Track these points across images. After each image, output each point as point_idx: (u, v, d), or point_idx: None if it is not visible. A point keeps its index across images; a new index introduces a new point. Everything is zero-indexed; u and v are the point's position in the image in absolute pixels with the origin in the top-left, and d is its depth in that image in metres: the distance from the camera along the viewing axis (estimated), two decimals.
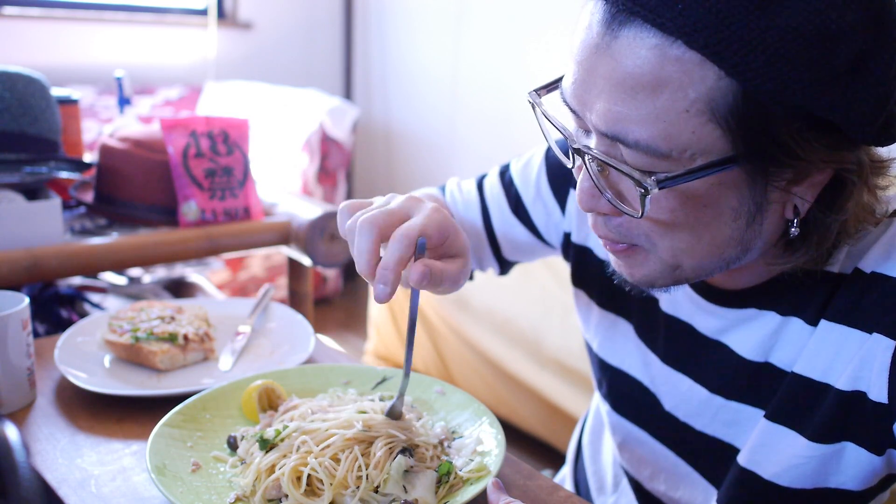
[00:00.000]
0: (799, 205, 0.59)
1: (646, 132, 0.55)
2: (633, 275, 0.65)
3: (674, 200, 0.58)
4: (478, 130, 3.30)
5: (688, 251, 0.61)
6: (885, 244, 0.63)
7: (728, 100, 0.53)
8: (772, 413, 0.69)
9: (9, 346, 0.83)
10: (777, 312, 0.68)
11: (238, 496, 0.68)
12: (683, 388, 0.77)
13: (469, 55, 3.28)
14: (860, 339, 0.62)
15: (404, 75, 3.64)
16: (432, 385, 0.86)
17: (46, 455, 0.77)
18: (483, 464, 0.71)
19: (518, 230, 0.95)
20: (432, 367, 2.50)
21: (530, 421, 2.20)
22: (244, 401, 0.82)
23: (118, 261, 1.26)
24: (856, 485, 0.65)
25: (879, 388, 0.60)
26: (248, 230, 1.38)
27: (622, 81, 0.55)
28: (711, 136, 0.54)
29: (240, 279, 3.03)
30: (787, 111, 0.52)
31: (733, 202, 0.58)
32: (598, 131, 0.58)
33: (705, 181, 0.56)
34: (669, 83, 0.53)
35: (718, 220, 0.59)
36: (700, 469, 0.79)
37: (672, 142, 0.54)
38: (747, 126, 0.53)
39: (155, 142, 1.34)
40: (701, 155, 0.55)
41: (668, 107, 0.54)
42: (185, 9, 3.46)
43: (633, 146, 0.56)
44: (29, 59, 2.92)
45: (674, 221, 0.59)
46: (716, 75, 0.52)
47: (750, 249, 0.62)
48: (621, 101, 0.55)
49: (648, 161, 0.56)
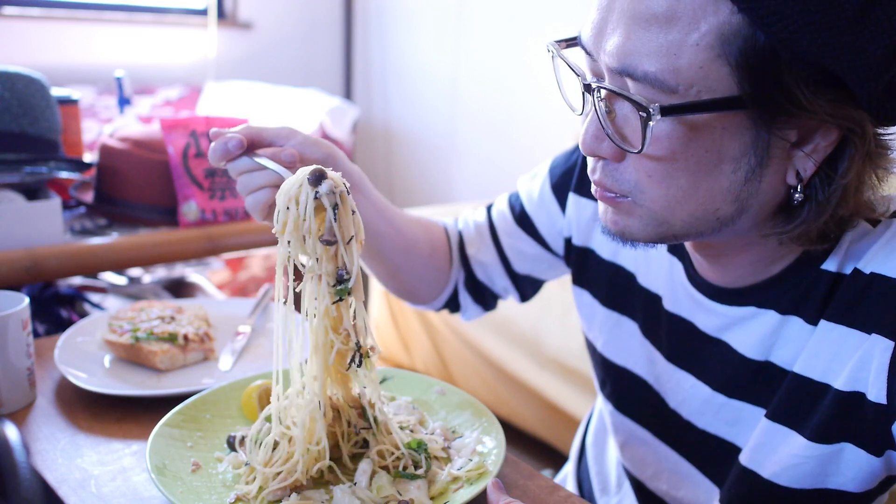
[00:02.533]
0: (801, 170, 0.59)
1: (655, 64, 0.56)
2: (617, 223, 0.65)
3: (675, 139, 0.58)
4: (478, 130, 3.30)
5: (682, 201, 0.61)
6: (885, 244, 0.63)
7: (738, 37, 0.53)
8: (772, 412, 0.69)
9: (9, 346, 0.83)
10: (776, 311, 0.68)
11: (238, 496, 0.68)
12: (687, 385, 0.77)
13: (469, 55, 3.28)
14: (859, 339, 0.62)
15: (404, 75, 3.64)
16: (432, 385, 0.86)
17: (46, 455, 0.77)
18: (483, 464, 0.71)
19: (522, 239, 0.95)
20: (432, 367, 2.50)
21: (530, 421, 2.20)
22: (244, 401, 0.82)
23: (118, 261, 1.26)
24: (855, 486, 0.65)
25: (878, 389, 0.60)
26: (248, 230, 1.38)
27: (638, 13, 0.56)
28: (719, 73, 0.55)
29: (240, 279, 3.03)
30: (795, 55, 0.53)
31: (734, 150, 0.58)
32: (610, 69, 0.59)
33: (708, 121, 0.57)
34: (683, 15, 0.54)
35: (718, 167, 0.59)
36: (702, 468, 0.79)
37: (680, 76, 0.55)
38: (755, 67, 0.54)
39: (155, 142, 1.34)
40: (707, 92, 0.55)
41: (680, 40, 0.55)
42: (185, 9, 3.46)
43: (641, 79, 0.56)
44: (29, 59, 2.92)
45: (673, 163, 0.59)
46: (729, 10, 0.53)
47: (745, 210, 0.61)
48: (635, 33, 0.56)
49: (655, 95, 0.57)
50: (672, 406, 0.80)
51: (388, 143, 3.79)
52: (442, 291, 0.99)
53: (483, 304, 1.01)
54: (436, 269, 0.96)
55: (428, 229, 0.96)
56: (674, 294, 0.78)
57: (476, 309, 1.02)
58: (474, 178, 3.35)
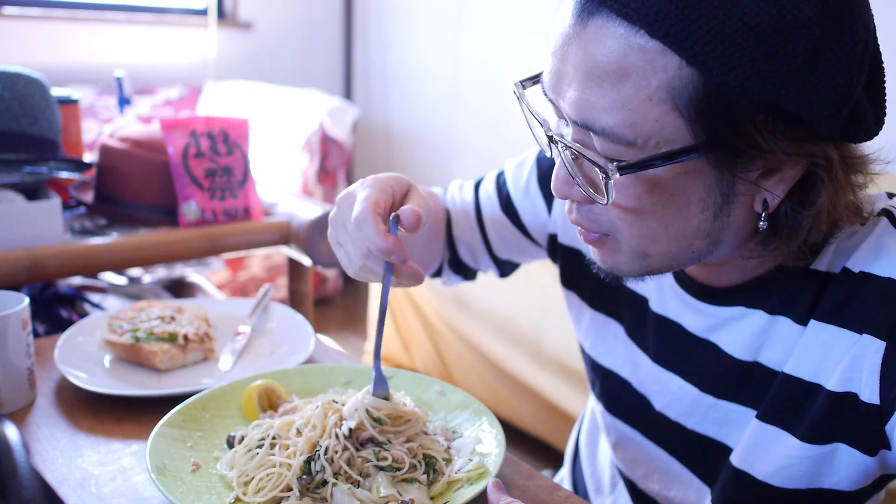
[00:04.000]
0: (769, 199, 0.59)
1: (612, 120, 0.56)
2: (605, 261, 0.67)
3: (640, 187, 0.59)
4: (478, 130, 3.30)
5: (655, 240, 0.62)
6: (873, 243, 0.63)
7: (689, 89, 0.54)
8: (763, 413, 0.69)
9: (9, 346, 0.83)
10: (765, 311, 0.68)
11: (238, 496, 0.68)
12: (674, 387, 0.77)
13: (469, 55, 3.28)
14: (850, 339, 0.62)
15: (404, 75, 3.64)
16: (432, 385, 0.86)
17: (46, 455, 0.77)
18: (483, 464, 0.71)
19: (506, 227, 0.96)
20: (432, 367, 2.50)
21: (530, 421, 2.20)
22: (244, 401, 0.82)
23: (118, 261, 1.26)
24: (849, 485, 0.65)
25: (871, 389, 0.60)
26: (248, 230, 1.38)
27: (590, 70, 0.56)
28: (674, 124, 0.55)
29: (240, 279, 3.03)
30: (749, 101, 0.53)
31: (700, 192, 0.58)
32: (571, 120, 0.60)
33: (670, 170, 0.57)
34: (633, 72, 0.54)
35: (686, 210, 0.59)
36: (692, 468, 0.79)
37: (636, 130, 0.56)
38: (709, 115, 0.54)
39: (155, 142, 1.34)
40: (665, 143, 0.56)
41: (632, 95, 0.55)
42: (185, 9, 3.46)
43: (600, 133, 0.57)
44: (29, 59, 2.92)
45: (641, 209, 0.60)
46: (677, 64, 0.53)
47: (719, 242, 0.62)
48: (589, 89, 0.57)
49: (615, 149, 0.57)
50: (658, 408, 0.80)
51: (388, 143, 3.79)
52: (433, 265, 1.01)
53: (463, 276, 1.04)
54: (434, 245, 0.99)
55: (437, 202, 0.99)
56: (661, 295, 0.78)
57: (457, 279, 1.04)
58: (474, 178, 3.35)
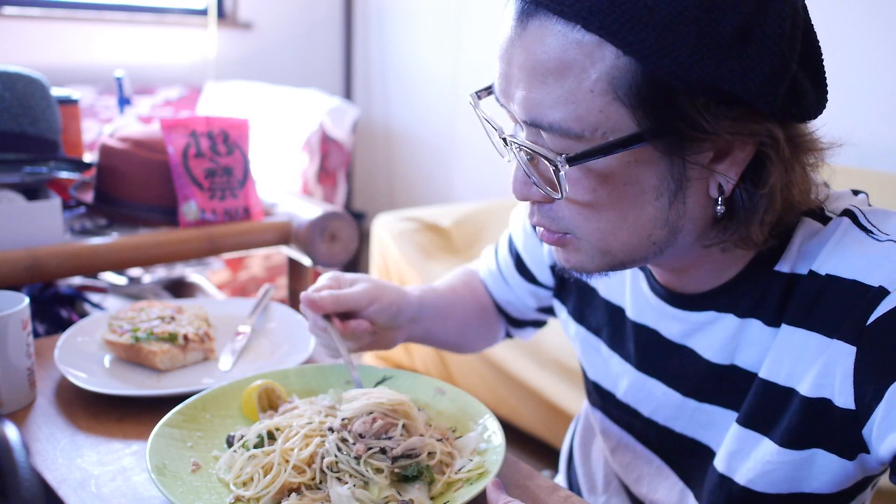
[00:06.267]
0: (723, 183, 0.60)
1: (558, 114, 0.57)
2: (569, 260, 0.67)
3: (593, 180, 0.59)
4: (478, 130, 3.29)
5: (613, 233, 0.62)
6: (836, 244, 0.63)
7: (628, 78, 0.55)
8: (743, 418, 0.69)
9: (9, 346, 0.83)
10: (735, 315, 0.69)
11: (238, 496, 0.68)
12: (658, 393, 0.78)
13: (469, 55, 3.28)
14: (820, 343, 0.62)
15: (404, 75, 3.64)
16: (432, 385, 0.86)
17: (46, 455, 0.77)
18: (483, 464, 0.71)
19: (523, 287, 0.98)
20: (432, 367, 2.50)
21: (530, 421, 2.20)
22: (244, 401, 0.82)
23: (118, 261, 1.25)
24: (830, 489, 0.65)
25: (845, 395, 0.60)
26: (248, 230, 1.38)
27: (533, 69, 0.58)
28: (617, 114, 0.56)
29: (240, 279, 3.03)
30: (687, 85, 0.54)
31: (652, 180, 0.59)
32: (522, 120, 0.61)
33: (620, 159, 0.58)
34: (573, 66, 0.56)
35: (640, 198, 0.60)
36: (679, 471, 0.79)
37: (583, 122, 0.57)
38: (650, 102, 0.55)
39: (155, 142, 1.34)
40: (612, 133, 0.57)
41: (575, 88, 0.56)
42: (185, 9, 3.46)
43: (548, 129, 0.58)
44: (29, 59, 2.92)
45: (596, 201, 0.60)
46: (614, 55, 0.55)
47: (679, 231, 0.62)
48: (535, 87, 0.58)
49: (566, 143, 0.58)
50: (646, 415, 0.80)
51: (388, 143, 3.79)
52: (498, 335, 1.06)
53: (533, 327, 1.06)
54: (489, 322, 1.03)
55: (473, 289, 1.03)
56: (637, 304, 0.79)
57: (528, 332, 1.07)
58: (474, 178, 3.35)
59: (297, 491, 0.68)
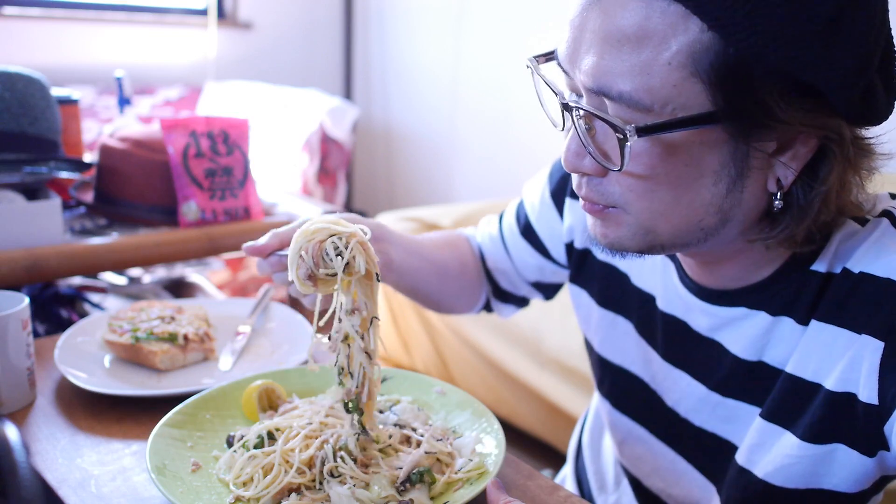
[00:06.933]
0: (782, 177, 0.59)
1: (629, 84, 0.56)
2: (607, 235, 0.65)
3: (655, 156, 0.58)
4: (478, 130, 3.30)
5: (665, 213, 0.61)
6: (873, 243, 0.63)
7: (710, 54, 0.53)
8: (766, 412, 0.69)
9: (9, 346, 0.83)
10: (767, 312, 0.68)
11: (238, 496, 0.68)
12: (683, 384, 0.77)
13: (469, 55, 3.28)
14: (849, 339, 0.62)
15: (404, 75, 3.64)
16: (432, 385, 0.86)
17: (46, 455, 0.77)
18: (483, 464, 0.71)
19: (527, 251, 0.96)
20: (432, 367, 2.50)
21: (530, 421, 2.20)
22: (244, 401, 0.82)
23: (118, 261, 1.26)
24: (848, 487, 0.65)
25: (869, 389, 0.60)
26: (248, 230, 1.37)
27: (609, 34, 0.56)
28: (692, 90, 0.55)
29: (240, 279, 3.03)
30: (767, 69, 0.53)
31: (714, 164, 0.58)
32: (586, 88, 0.59)
33: (686, 137, 0.57)
34: (654, 35, 0.54)
35: (698, 181, 0.59)
36: (698, 466, 0.79)
37: (654, 95, 0.55)
38: (728, 82, 0.54)
39: (155, 142, 1.34)
40: (681, 109, 0.56)
41: (652, 59, 0.55)
42: (185, 9, 3.46)
43: (616, 99, 0.57)
44: (29, 59, 2.92)
45: (653, 179, 0.59)
46: (699, 28, 0.53)
47: (729, 220, 0.61)
48: (608, 53, 0.56)
49: (631, 115, 0.57)
50: (669, 404, 0.80)
51: (388, 143, 3.79)
52: (478, 301, 1.03)
53: (515, 304, 1.04)
54: (468, 283, 1.00)
55: (455, 247, 0.99)
56: (667, 294, 0.78)
57: (510, 308, 1.04)
58: (474, 178, 3.35)
59: (296, 491, 0.68)
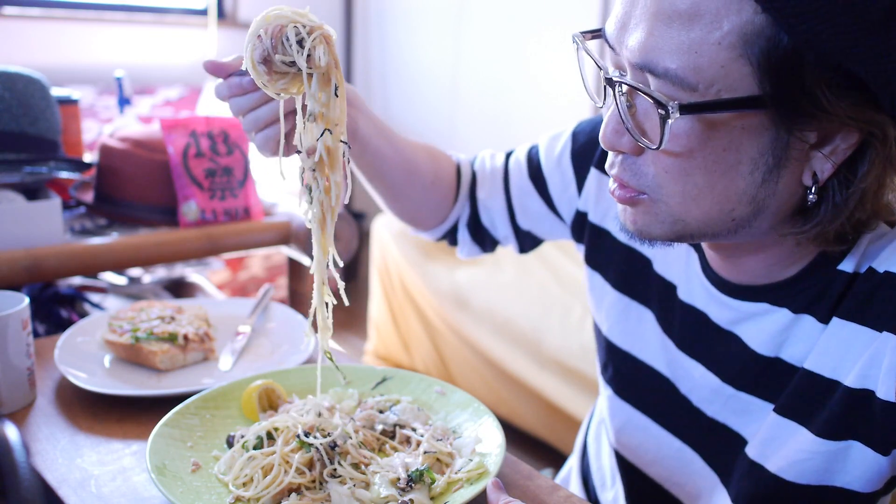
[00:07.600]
0: (819, 171, 0.59)
1: (676, 62, 0.55)
2: (636, 222, 0.65)
3: (694, 137, 0.58)
4: (478, 130, 3.30)
5: (697, 199, 0.60)
6: None
7: (761, 37, 0.53)
8: (781, 407, 0.69)
9: (9, 346, 0.83)
10: (790, 310, 0.68)
11: (237, 496, 0.68)
12: (696, 374, 0.77)
13: (469, 55, 3.28)
14: (870, 336, 0.62)
15: (404, 75, 3.64)
16: (432, 385, 0.86)
17: (46, 455, 0.77)
18: (483, 464, 0.71)
19: (531, 196, 0.95)
20: (432, 367, 2.50)
21: (530, 421, 2.20)
22: (244, 401, 0.82)
23: (118, 261, 1.25)
24: (861, 486, 0.65)
25: (887, 387, 0.60)
26: (248, 230, 1.37)
27: (661, 10, 0.56)
28: (740, 72, 0.55)
29: (240, 279, 3.03)
30: (818, 58, 0.53)
31: (753, 151, 0.58)
32: (632, 64, 0.59)
33: (728, 120, 0.56)
34: (706, 14, 0.54)
35: (735, 168, 0.58)
36: (704, 455, 0.79)
37: (700, 74, 0.55)
38: (777, 68, 0.54)
39: (155, 142, 1.34)
40: (726, 91, 0.55)
41: (702, 38, 0.54)
42: (185, 9, 3.46)
43: (662, 76, 0.56)
44: (29, 59, 2.92)
45: (689, 161, 0.59)
46: (752, 10, 0.53)
47: (761, 212, 0.61)
48: (657, 30, 0.56)
49: (675, 92, 0.56)
50: (683, 392, 0.80)
51: None
52: (443, 222, 1.00)
53: (481, 245, 1.02)
54: (438, 197, 0.97)
55: (434, 157, 0.97)
56: (689, 284, 0.78)
57: (473, 248, 1.02)
58: None
59: (296, 491, 0.68)
